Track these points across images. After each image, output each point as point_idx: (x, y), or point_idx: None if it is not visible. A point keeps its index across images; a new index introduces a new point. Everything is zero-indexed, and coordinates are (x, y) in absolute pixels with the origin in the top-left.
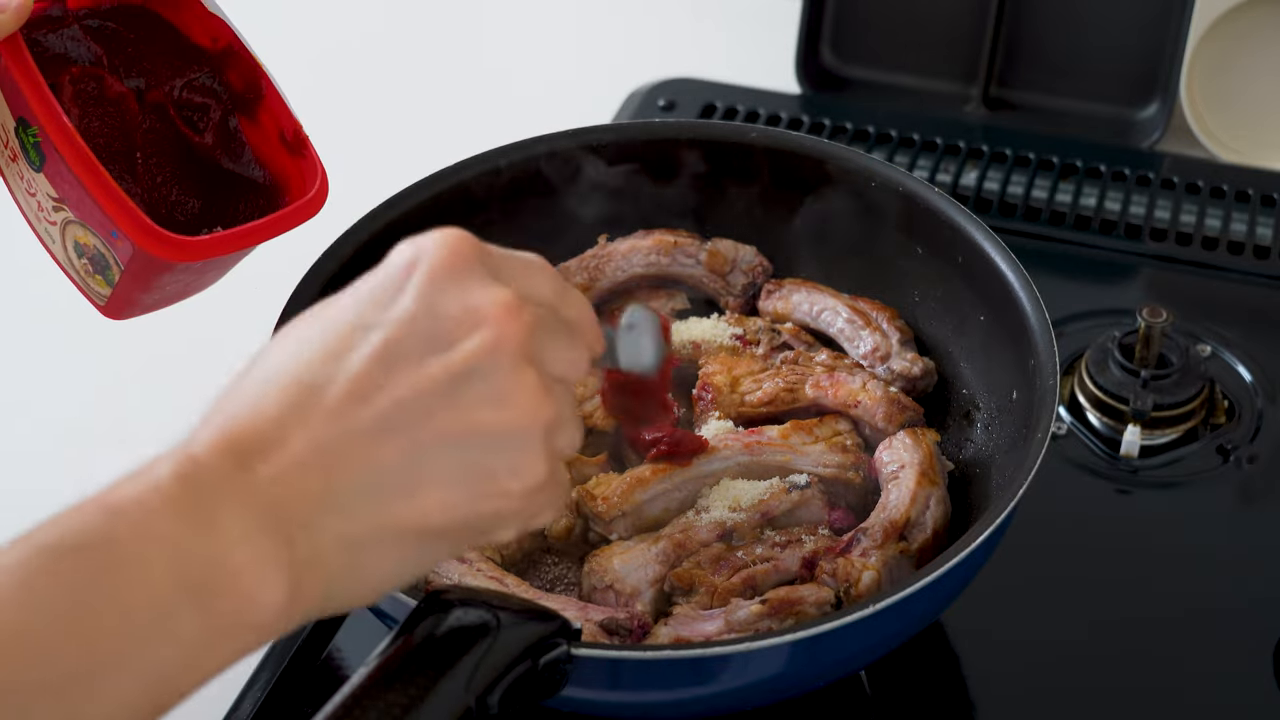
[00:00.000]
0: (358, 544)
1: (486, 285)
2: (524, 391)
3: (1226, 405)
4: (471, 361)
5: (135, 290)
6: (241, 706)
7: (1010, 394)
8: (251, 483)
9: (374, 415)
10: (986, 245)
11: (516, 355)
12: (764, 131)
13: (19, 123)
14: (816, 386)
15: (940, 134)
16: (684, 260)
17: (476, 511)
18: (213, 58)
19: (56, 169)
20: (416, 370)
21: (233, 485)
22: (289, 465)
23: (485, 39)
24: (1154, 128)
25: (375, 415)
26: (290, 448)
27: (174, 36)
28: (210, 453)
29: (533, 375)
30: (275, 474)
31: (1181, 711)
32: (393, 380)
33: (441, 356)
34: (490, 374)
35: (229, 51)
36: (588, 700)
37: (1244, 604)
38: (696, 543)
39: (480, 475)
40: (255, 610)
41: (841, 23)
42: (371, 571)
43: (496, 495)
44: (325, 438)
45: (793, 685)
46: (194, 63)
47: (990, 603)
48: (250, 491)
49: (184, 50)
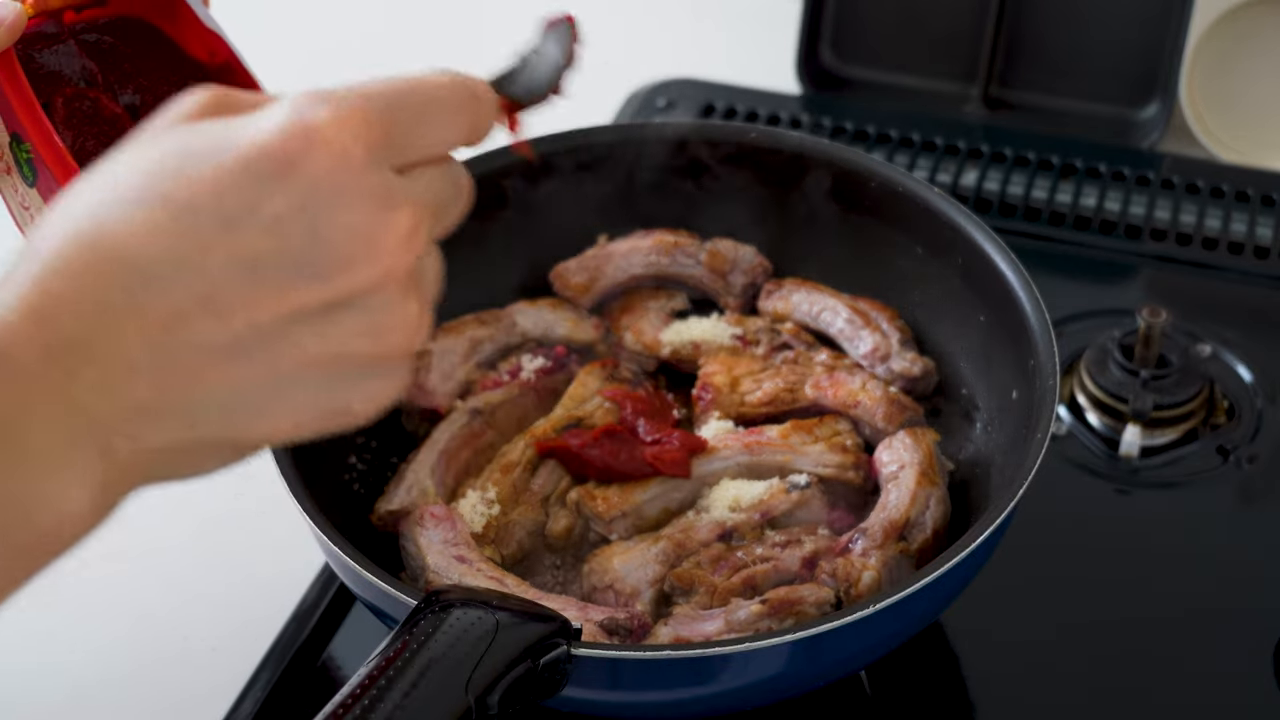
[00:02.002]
0: (185, 452)
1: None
2: (404, 323)
3: (1226, 405)
4: (350, 294)
5: None
6: (241, 706)
7: (1010, 394)
8: (72, 387)
9: (228, 333)
10: (986, 245)
11: (402, 285)
12: (764, 131)
13: (13, 138)
14: (816, 386)
15: (940, 134)
16: (684, 260)
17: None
18: (210, 72)
19: (49, 185)
20: (285, 293)
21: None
22: (117, 373)
23: (485, 39)
24: (1154, 128)
25: (229, 333)
26: (120, 353)
27: (171, 51)
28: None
29: (415, 305)
30: (100, 377)
31: (1181, 711)
32: (255, 298)
33: (316, 283)
34: (369, 307)
35: (226, 67)
36: (588, 700)
37: (1244, 604)
38: (696, 543)
39: (337, 405)
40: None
41: (841, 23)
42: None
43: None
44: (164, 346)
45: (793, 685)
46: (191, 78)
47: (990, 603)
48: (69, 396)
49: (181, 65)
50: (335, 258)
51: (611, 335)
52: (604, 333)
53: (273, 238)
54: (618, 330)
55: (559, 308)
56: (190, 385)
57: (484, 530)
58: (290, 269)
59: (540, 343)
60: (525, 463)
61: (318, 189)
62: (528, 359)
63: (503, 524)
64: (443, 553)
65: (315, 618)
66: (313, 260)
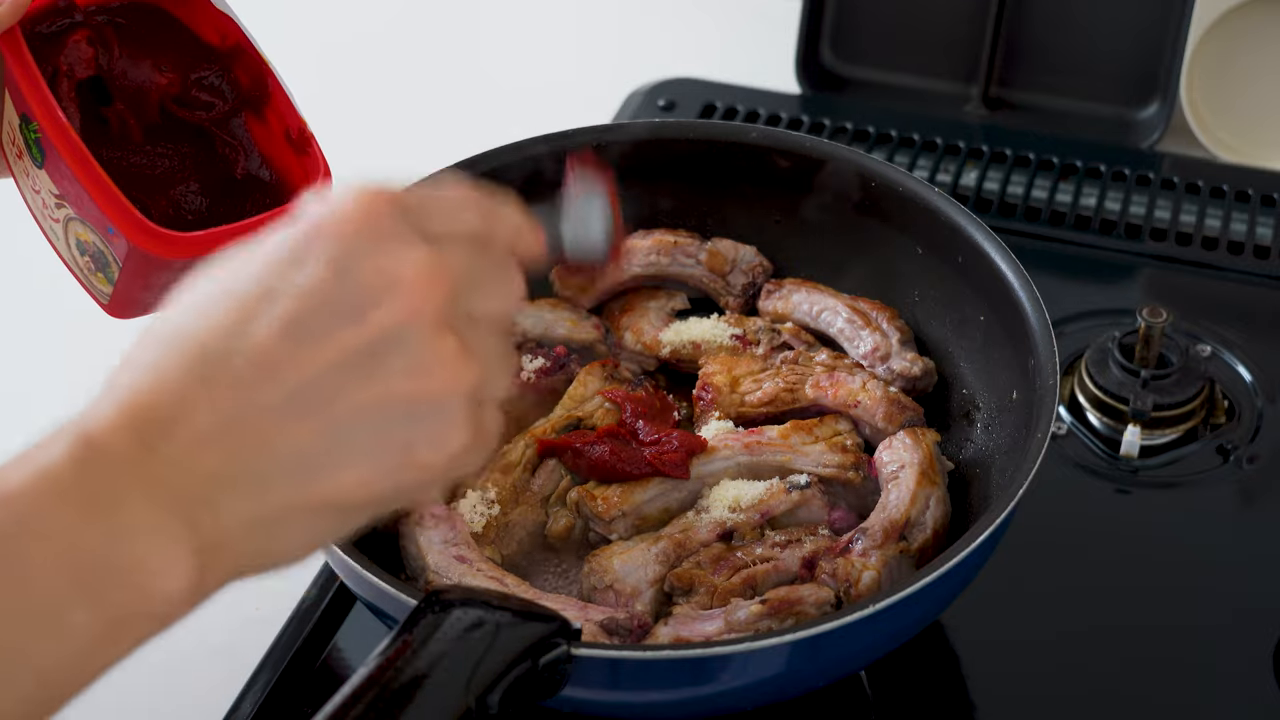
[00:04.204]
0: (268, 522)
1: (402, 246)
2: (443, 360)
3: (1226, 405)
4: (386, 330)
5: (136, 288)
6: (241, 706)
7: (1010, 394)
8: (153, 464)
9: (282, 392)
10: (986, 245)
11: (435, 321)
12: (764, 131)
13: (22, 119)
14: (816, 386)
15: (940, 134)
16: (684, 260)
17: (396, 484)
18: (221, 56)
19: (56, 165)
20: (327, 342)
21: (133, 467)
22: (192, 443)
23: (485, 39)
24: (1154, 128)
25: (284, 392)
26: (194, 424)
27: (183, 34)
28: (109, 431)
29: (452, 342)
30: (178, 453)
31: (1181, 711)
32: (301, 354)
33: (353, 326)
34: (407, 343)
35: (237, 50)
36: (588, 700)
37: (1244, 604)
38: (696, 543)
39: (400, 448)
40: (156, 601)
41: (841, 23)
42: (283, 546)
43: (417, 466)
44: (231, 413)
45: (793, 685)
46: (203, 60)
47: (990, 603)
48: (152, 473)
49: (193, 48)
50: (364, 296)
51: (611, 335)
52: (604, 333)
53: (309, 296)
54: (618, 330)
55: (559, 308)
56: (258, 448)
57: (484, 530)
58: (327, 317)
59: (540, 343)
60: (525, 463)
61: (344, 243)
62: (528, 359)
63: (503, 524)
64: (443, 553)
65: (315, 618)
66: (346, 304)
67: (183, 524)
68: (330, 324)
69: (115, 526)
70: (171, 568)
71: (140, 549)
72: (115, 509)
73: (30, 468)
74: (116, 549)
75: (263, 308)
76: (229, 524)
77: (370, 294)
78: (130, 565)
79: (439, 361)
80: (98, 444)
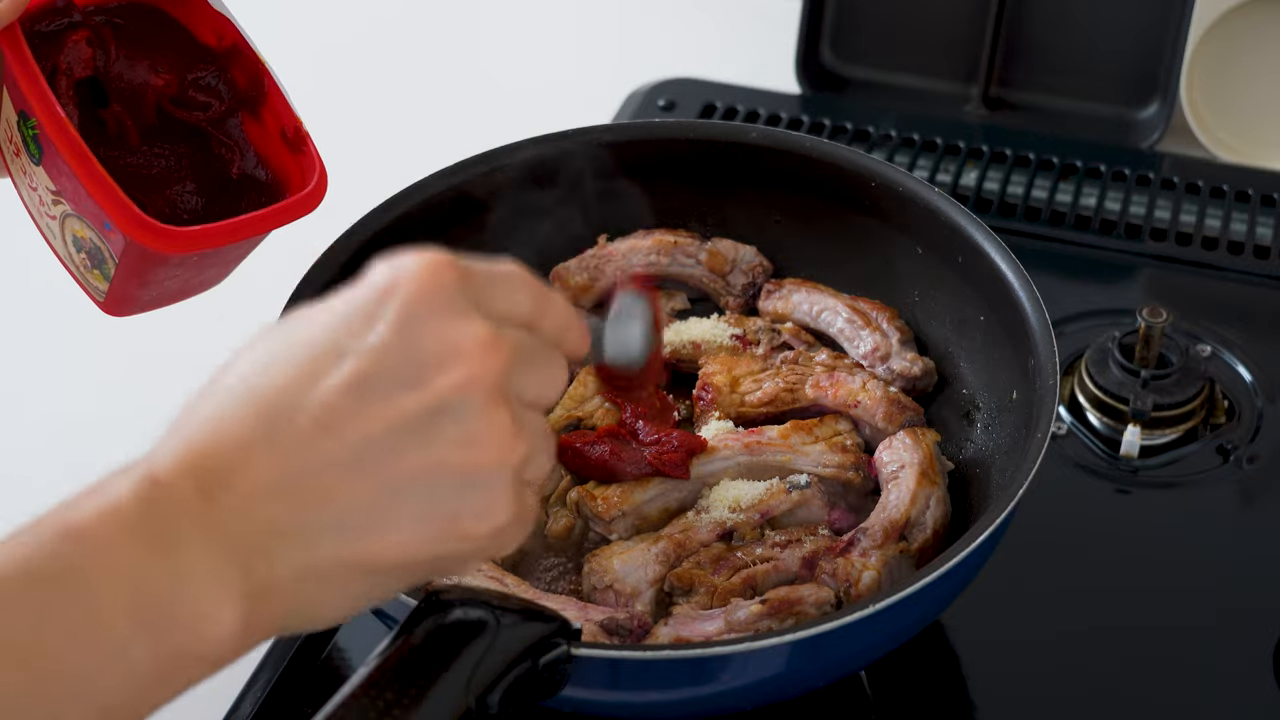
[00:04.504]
0: (316, 576)
1: (464, 319)
2: (495, 433)
3: (1226, 405)
4: (445, 399)
5: (132, 285)
6: (241, 706)
7: (1010, 394)
8: (213, 510)
9: (344, 449)
10: (986, 245)
11: (490, 394)
12: (764, 131)
13: (20, 116)
14: (816, 386)
15: (940, 134)
16: (684, 260)
17: (438, 551)
18: (218, 56)
19: (53, 161)
20: (388, 404)
21: (194, 512)
22: (253, 493)
23: (485, 39)
24: (1154, 128)
25: (345, 449)
26: (255, 475)
27: (180, 34)
28: (173, 474)
29: (505, 416)
30: (238, 502)
31: (1181, 711)
32: (364, 413)
33: (414, 392)
34: (462, 413)
35: (234, 50)
36: (588, 700)
37: (1244, 604)
38: (696, 543)
39: (446, 517)
40: (207, 643)
41: (841, 23)
42: (328, 602)
43: (460, 537)
44: (292, 467)
45: (793, 685)
46: (199, 60)
47: (990, 603)
48: (211, 519)
49: (190, 48)
50: (427, 363)
51: None
52: None
53: (376, 357)
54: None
55: None
56: (316, 503)
57: None
58: (391, 380)
59: None
60: None
61: (411, 308)
62: None
63: None
64: None
65: None
66: (410, 368)
67: (237, 570)
68: (393, 386)
69: (176, 566)
70: (222, 611)
71: (194, 590)
72: (176, 549)
73: (100, 502)
74: (176, 588)
75: (329, 365)
76: (281, 573)
77: (432, 363)
78: (188, 606)
79: (491, 433)
80: (161, 483)
